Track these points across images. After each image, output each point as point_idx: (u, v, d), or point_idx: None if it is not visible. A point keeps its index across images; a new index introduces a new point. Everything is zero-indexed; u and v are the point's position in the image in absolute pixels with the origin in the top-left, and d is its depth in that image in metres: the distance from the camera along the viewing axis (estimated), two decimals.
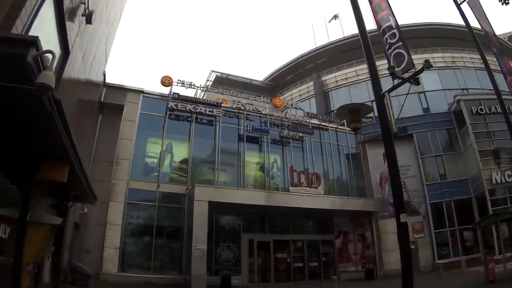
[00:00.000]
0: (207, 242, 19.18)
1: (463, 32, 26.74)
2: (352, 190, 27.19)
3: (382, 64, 31.01)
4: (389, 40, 8.23)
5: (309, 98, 35.20)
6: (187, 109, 23.46)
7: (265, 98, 27.62)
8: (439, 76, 31.40)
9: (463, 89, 30.87)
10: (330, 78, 34.82)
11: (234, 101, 25.72)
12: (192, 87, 24.90)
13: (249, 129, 24.59)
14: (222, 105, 24.93)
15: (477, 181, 26.49)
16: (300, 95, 36.36)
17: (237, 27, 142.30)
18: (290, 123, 26.21)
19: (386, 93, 8.18)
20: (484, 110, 27.57)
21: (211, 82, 36.57)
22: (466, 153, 27.99)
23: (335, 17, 42.78)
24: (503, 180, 25.55)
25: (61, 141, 6.00)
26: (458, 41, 32.55)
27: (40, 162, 7.26)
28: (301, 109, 28.59)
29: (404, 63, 7.87)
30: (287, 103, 28.91)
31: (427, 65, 6.99)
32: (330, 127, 27.69)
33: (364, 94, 31.41)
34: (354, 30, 36.32)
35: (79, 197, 12.24)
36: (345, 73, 33.66)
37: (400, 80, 7.87)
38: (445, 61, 32.34)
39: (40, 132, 5.90)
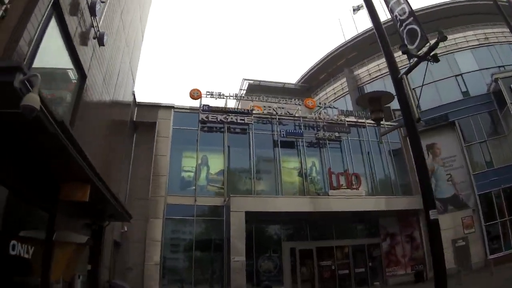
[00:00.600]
0: (247, 254, 19.05)
1: (490, 6, 25.48)
2: (397, 188, 25.97)
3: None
4: (399, 17, 7.66)
5: (344, 96, 34.34)
6: (218, 119, 23.48)
7: (297, 100, 26.89)
8: (474, 55, 29.62)
9: (499, 66, 28.81)
10: (363, 72, 33.82)
11: (264, 106, 25.46)
12: (222, 97, 24.75)
13: (283, 134, 24.19)
14: (254, 111, 24.73)
15: None
16: (334, 93, 35.54)
17: (263, 32, 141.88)
18: (325, 123, 25.46)
19: (404, 76, 7.75)
20: None
21: (244, 91, 36.63)
22: (510, 135, 26.19)
23: (359, 7, 41.67)
24: None
25: (74, 161, 6.29)
26: (488, 16, 30.79)
27: (62, 183, 7.49)
28: (335, 108, 27.64)
29: (418, 39, 7.20)
30: (321, 103, 27.90)
31: (441, 38, 6.42)
32: (368, 123, 26.51)
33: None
34: (381, 17, 35.70)
35: (113, 216, 12.34)
36: (378, 64, 32.44)
37: (415, 59, 7.25)
38: (477, 39, 30.31)
39: (51, 153, 6.24)
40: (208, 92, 24.36)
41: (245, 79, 37.53)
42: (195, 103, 24.15)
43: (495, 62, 29.33)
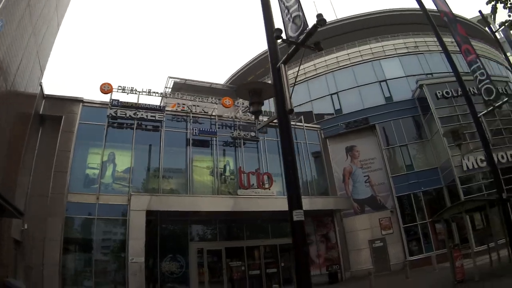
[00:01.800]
0: (151, 255, 20.01)
1: (423, 16, 28.46)
2: (314, 188, 28.35)
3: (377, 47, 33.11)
4: (285, 3, 7.85)
5: (269, 98, 36.25)
6: (127, 115, 23.89)
7: (213, 98, 28.24)
8: (401, 63, 33.27)
9: (427, 74, 32.56)
10: (289, 75, 36.03)
11: (179, 104, 26.81)
12: (134, 92, 25.12)
13: (196, 132, 25.24)
14: (167, 108, 25.73)
15: (447, 169, 27.80)
16: None
17: (196, 32, 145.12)
18: (241, 123, 27.20)
19: (282, 65, 7.93)
20: (450, 93, 29.09)
21: (170, 89, 37.54)
22: (433, 140, 29.47)
23: None
24: (475, 166, 26.94)
25: None
26: (421, 25, 34.41)
27: None
28: (247, 107, 29.04)
29: (301, 26, 7.28)
30: (239, 103, 29.45)
31: (320, 21, 6.58)
32: (292, 125, 28.58)
33: (323, 88, 33.43)
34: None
35: (3, 211, 12.31)
36: (304, 68, 35.05)
37: (294, 47, 7.44)
38: (407, 47, 34.11)
39: None
40: (120, 87, 24.75)
41: (171, 77, 38.48)
42: (108, 98, 24.50)
43: (423, 69, 32.94)
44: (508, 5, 11.10)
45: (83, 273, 20.51)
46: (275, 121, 23.50)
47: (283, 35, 7.47)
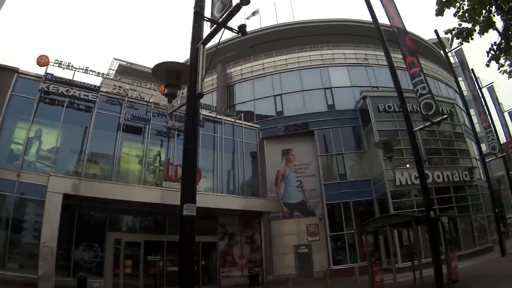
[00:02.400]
0: (66, 240, 19.85)
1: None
2: (245, 188, 29.19)
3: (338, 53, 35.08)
4: None
5: (212, 91, 37.27)
6: (60, 91, 23.39)
7: (152, 85, 27.73)
8: (349, 73, 34.98)
9: (373, 86, 34.38)
10: (235, 71, 37.39)
11: (115, 86, 26.47)
12: (70, 68, 24.61)
13: (128, 117, 24.93)
14: (102, 89, 25.34)
15: (380, 182, 29.29)
16: (204, 87, 38.18)
17: (154, 16, 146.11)
18: (178, 113, 26.28)
19: (201, 45, 8.32)
20: (392, 108, 30.64)
21: (114, 71, 37.35)
22: (369, 152, 30.97)
23: (254, 13, 45.66)
24: (409, 182, 28.46)
25: None
26: (374, 39, 36.01)
27: None
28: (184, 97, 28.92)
29: (226, 5, 7.55)
30: (181, 93, 29.03)
31: (243, 1, 6.81)
32: (226, 120, 29.55)
33: (268, 88, 34.71)
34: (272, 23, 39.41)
35: None
36: (251, 66, 36.40)
37: (215, 26, 7.86)
38: (357, 58, 35.97)
39: None
40: (57, 61, 24.26)
41: (116, 59, 38.64)
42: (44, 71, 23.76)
43: (370, 82, 34.73)
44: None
45: None
46: (219, 116, 24.24)
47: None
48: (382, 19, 19.89)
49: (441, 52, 36.61)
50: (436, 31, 29.12)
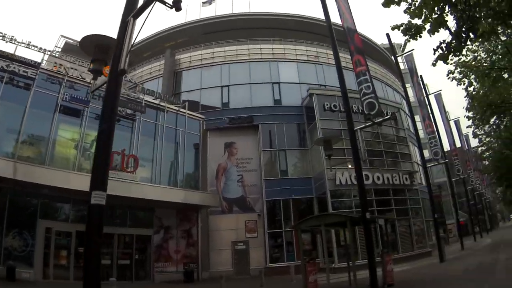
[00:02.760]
0: None
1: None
2: (184, 180, 29.22)
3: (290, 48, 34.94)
4: None
5: (159, 77, 37.06)
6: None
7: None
8: (298, 69, 35.68)
9: (321, 85, 34.94)
10: (184, 58, 37.21)
11: (55, 63, 25.82)
12: (13, 42, 23.81)
13: (66, 98, 23.90)
14: (42, 66, 24.33)
15: (320, 181, 29.85)
16: (150, 73, 38.25)
17: None
18: (121, 97, 26.94)
19: (131, 18, 8.11)
20: (338, 107, 31.22)
21: (60, 49, 36.42)
22: (312, 150, 31.44)
23: (211, 1, 45.43)
24: (349, 182, 29.06)
25: None
26: (326, 38, 36.56)
27: None
28: (131, 82, 28.94)
29: None
30: (126, 77, 27.53)
31: None
32: (169, 108, 29.24)
33: (215, 78, 34.81)
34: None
35: None
36: (201, 54, 36.37)
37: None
38: (307, 55, 36.67)
39: None
40: (1, 33, 23.44)
41: (63, 36, 37.56)
42: None
43: (318, 80, 35.47)
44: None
45: None
46: (163, 104, 23.79)
47: None
48: (336, 18, 20.22)
49: (392, 57, 37.61)
50: (387, 35, 29.88)
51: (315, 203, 30.50)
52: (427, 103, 36.09)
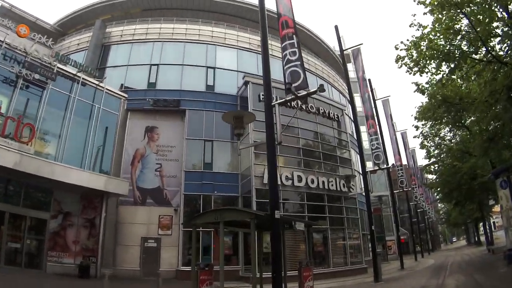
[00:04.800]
0: None
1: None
2: (93, 163, 25.34)
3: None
4: None
5: (86, 50, 33.32)
6: None
7: (10, 22, 23.98)
8: (238, 56, 32.75)
9: (261, 76, 31.59)
10: (116, 31, 33.79)
11: None
12: None
13: None
14: None
15: (247, 178, 26.89)
16: (78, 44, 34.64)
17: None
18: (31, 60, 23.07)
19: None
20: (275, 100, 28.22)
21: None
22: (242, 144, 28.20)
23: None
24: (278, 181, 25.98)
25: None
26: (273, 30, 33.91)
27: None
28: (45, 45, 24.88)
29: None
30: (35, 36, 24.36)
31: None
32: (85, 80, 25.64)
33: (146, 56, 31.48)
34: None
35: None
36: (134, 29, 33.06)
37: None
38: (250, 43, 33.85)
39: None
40: None
41: None
42: None
43: (259, 70, 31.74)
44: None
45: None
46: (79, 74, 20.20)
47: None
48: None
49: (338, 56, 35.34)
50: (336, 27, 27.26)
51: (240, 202, 27.57)
52: (371, 100, 33.34)
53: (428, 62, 18.47)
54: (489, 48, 16.96)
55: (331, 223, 28.70)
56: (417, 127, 29.74)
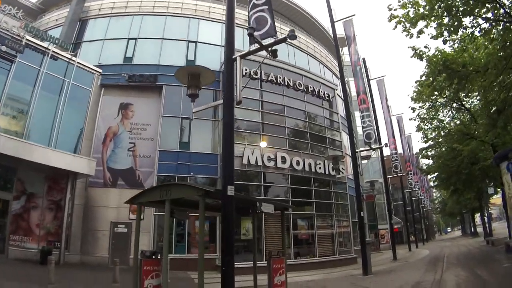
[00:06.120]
0: None
1: None
2: (61, 141, 22.79)
3: None
4: None
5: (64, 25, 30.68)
6: None
7: None
8: (223, 31, 29.29)
9: (248, 53, 29.18)
10: (94, 5, 31.29)
11: None
12: None
13: None
14: None
15: None
16: (57, 20, 32.10)
17: None
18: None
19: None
20: (259, 75, 26.74)
21: None
22: (222, 122, 25.97)
23: None
24: (259, 163, 24.44)
25: None
26: None
27: None
28: (15, 16, 22.74)
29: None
30: (6, 7, 22.38)
31: None
32: (55, 53, 23.33)
33: (124, 30, 29.14)
34: None
35: None
36: (114, 2, 30.64)
37: None
38: (238, 18, 30.85)
39: None
40: None
41: None
42: None
43: (244, 47, 29.02)
44: None
45: None
46: (51, 48, 17.90)
47: None
48: None
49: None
50: (327, 1, 24.51)
51: (219, 185, 24.69)
52: (363, 74, 30.61)
53: (428, 15, 15.42)
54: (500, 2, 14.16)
55: (318, 209, 26.73)
56: (413, 109, 27.63)
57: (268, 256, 12.56)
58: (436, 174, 33.32)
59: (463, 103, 26.21)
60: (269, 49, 9.37)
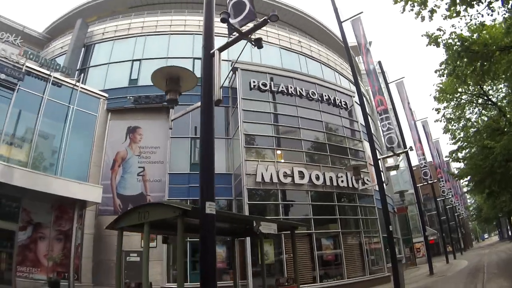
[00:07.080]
0: None
1: None
2: (68, 169, 22.19)
3: None
4: None
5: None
6: None
7: None
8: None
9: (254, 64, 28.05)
10: (98, 30, 31.24)
11: None
12: None
13: None
14: None
15: (239, 177, 23.36)
16: (62, 48, 32.03)
17: None
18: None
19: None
20: (268, 86, 25.57)
21: None
22: (234, 140, 25.09)
23: None
24: (275, 180, 22.79)
25: None
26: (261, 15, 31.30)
27: None
28: (13, 43, 22.26)
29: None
30: (8, 37, 22.09)
31: None
32: (56, 79, 22.93)
33: (128, 52, 28.70)
34: None
35: None
36: (116, 25, 30.50)
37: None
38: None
39: None
40: None
41: None
42: None
43: (253, 60, 28.60)
44: None
45: None
46: (53, 74, 17.27)
47: None
48: None
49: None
50: (333, 0, 23.16)
51: (234, 207, 23.93)
52: (377, 71, 28.51)
53: None
54: None
55: (343, 226, 25.02)
56: (438, 110, 26.07)
57: (276, 284, 11.15)
58: (469, 177, 31.32)
59: (489, 97, 24.48)
60: (251, 37, 7.96)
